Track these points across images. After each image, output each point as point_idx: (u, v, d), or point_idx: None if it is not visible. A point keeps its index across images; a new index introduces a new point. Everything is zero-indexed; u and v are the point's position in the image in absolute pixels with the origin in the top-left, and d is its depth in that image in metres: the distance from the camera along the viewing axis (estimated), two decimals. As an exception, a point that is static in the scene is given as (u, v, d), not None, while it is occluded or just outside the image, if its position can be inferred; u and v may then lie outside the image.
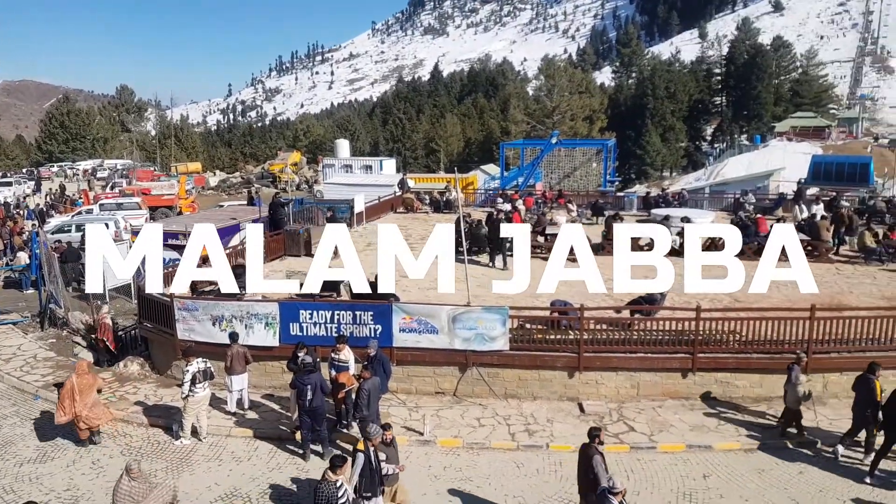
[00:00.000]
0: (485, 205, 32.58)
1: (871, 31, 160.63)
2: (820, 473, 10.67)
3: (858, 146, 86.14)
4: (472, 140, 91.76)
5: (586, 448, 8.94)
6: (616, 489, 8.17)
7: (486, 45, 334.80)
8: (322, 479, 8.46)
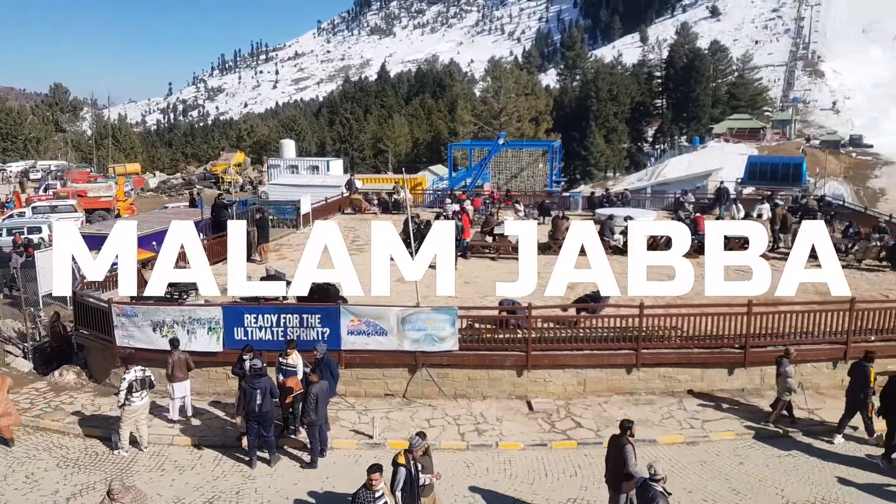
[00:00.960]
0: (433, 205, 32.59)
1: (802, 37, 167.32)
2: (759, 464, 11.03)
3: (791, 147, 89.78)
4: (420, 141, 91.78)
5: (618, 438, 9.09)
6: (658, 476, 8.18)
7: (433, 46, 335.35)
8: (362, 487, 8.14)
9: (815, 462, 11.05)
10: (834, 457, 11.22)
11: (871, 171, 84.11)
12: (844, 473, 10.70)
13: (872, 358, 11.75)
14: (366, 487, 8.09)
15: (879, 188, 76.67)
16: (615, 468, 8.99)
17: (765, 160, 51.77)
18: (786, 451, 11.38)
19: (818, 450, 11.44)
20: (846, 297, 13.89)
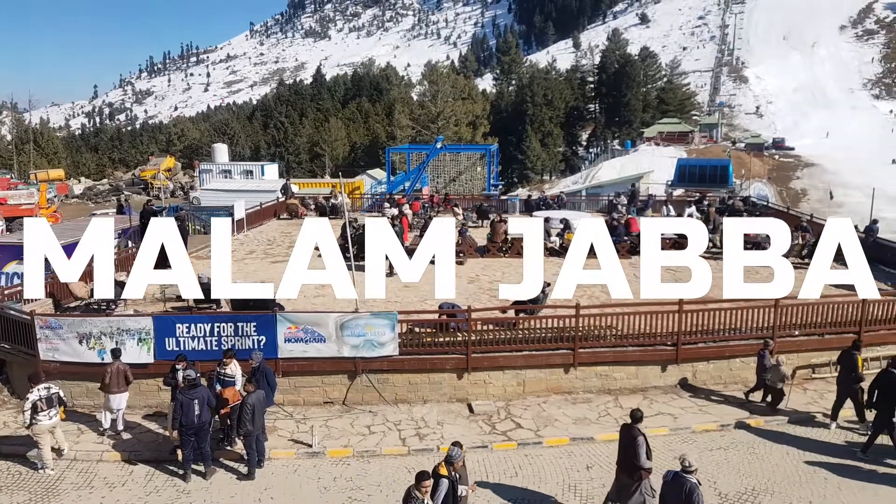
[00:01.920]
0: (372, 210, 32.38)
1: (727, 44, 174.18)
2: (695, 456, 11.34)
3: (718, 150, 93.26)
4: (357, 144, 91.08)
5: (629, 429, 9.23)
6: (691, 467, 8.29)
7: (370, 50, 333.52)
8: (410, 496, 7.91)
9: (744, 455, 11.45)
10: (771, 447, 11.66)
11: (793, 172, 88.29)
12: (777, 463, 11.13)
13: (859, 346, 12.53)
14: (412, 496, 7.88)
15: (801, 189, 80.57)
16: (627, 458, 9.19)
17: (693, 163, 53.52)
18: (717, 446, 11.76)
19: (753, 442, 11.86)
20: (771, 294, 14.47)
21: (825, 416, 12.64)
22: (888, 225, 42.27)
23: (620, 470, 9.38)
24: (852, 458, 11.23)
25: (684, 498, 8.19)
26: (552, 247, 22.39)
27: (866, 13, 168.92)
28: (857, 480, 10.60)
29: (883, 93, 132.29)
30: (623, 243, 22.27)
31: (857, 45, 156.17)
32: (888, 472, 10.84)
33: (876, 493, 10.26)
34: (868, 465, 11.03)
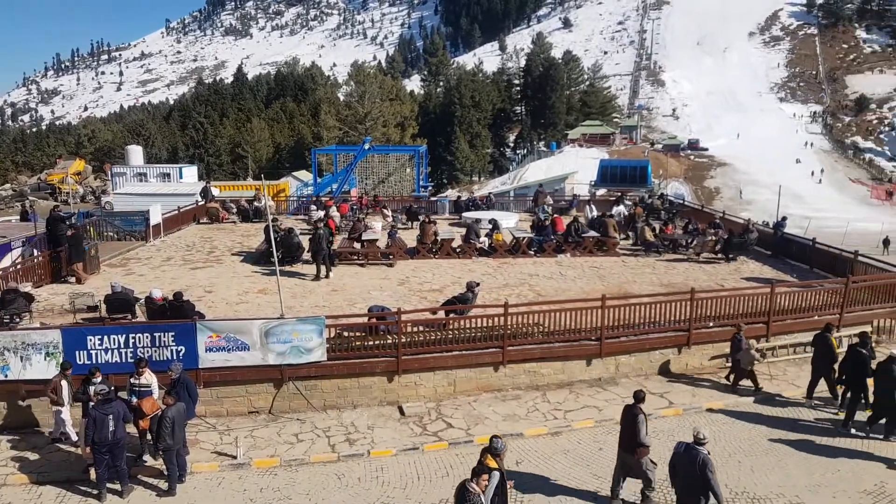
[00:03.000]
0: (298, 212, 31.80)
1: (645, 48, 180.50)
2: (616, 448, 11.64)
3: (638, 151, 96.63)
4: (282, 145, 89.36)
5: (631, 408, 9.79)
6: (704, 440, 8.65)
7: (294, 49, 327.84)
8: (466, 490, 7.62)
9: (664, 443, 11.78)
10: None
11: (707, 172, 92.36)
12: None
13: (831, 329, 13.48)
14: (468, 490, 7.62)
15: (714, 187, 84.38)
16: (628, 435, 9.72)
17: (615, 163, 55.24)
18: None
19: (672, 430, 12.25)
20: (686, 288, 15.07)
21: (753, 392, 13.26)
22: (794, 221, 44.79)
23: (623, 449, 9.88)
24: (802, 433, 11.78)
25: (698, 469, 8.47)
26: (481, 247, 22.61)
27: (772, 21, 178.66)
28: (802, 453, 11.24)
29: (788, 96, 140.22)
30: (550, 242, 22.72)
31: (765, 50, 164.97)
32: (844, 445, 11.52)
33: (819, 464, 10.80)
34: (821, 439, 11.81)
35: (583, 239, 22.86)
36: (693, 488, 8.58)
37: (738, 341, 13.83)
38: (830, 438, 12.05)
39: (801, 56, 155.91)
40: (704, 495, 8.50)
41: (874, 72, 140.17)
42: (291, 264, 20.43)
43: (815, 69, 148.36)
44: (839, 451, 11.60)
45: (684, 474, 8.72)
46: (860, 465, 11.09)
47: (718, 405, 13.19)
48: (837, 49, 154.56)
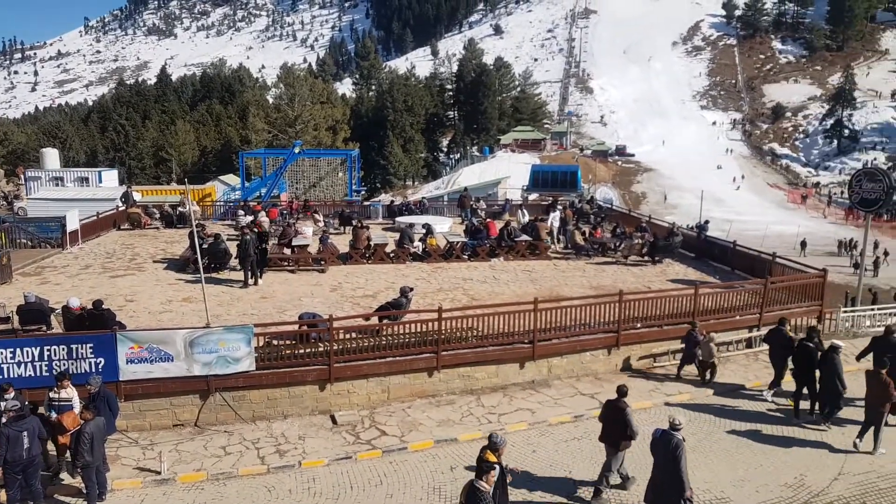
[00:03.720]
0: (225, 218, 30.93)
1: (574, 56, 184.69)
2: (549, 450, 11.78)
3: (568, 156, 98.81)
4: (208, 149, 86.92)
5: (616, 402, 10.15)
6: (679, 426, 9.09)
7: (220, 50, 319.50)
8: (475, 489, 7.58)
9: (597, 444, 11.98)
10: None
11: (634, 177, 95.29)
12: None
13: (785, 322, 14.28)
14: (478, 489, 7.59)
15: (641, 192, 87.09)
16: (614, 429, 10.07)
17: (546, 168, 56.13)
18: (572, 437, 12.26)
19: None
20: (615, 290, 15.43)
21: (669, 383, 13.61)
22: (716, 224, 46.71)
23: (604, 442, 10.29)
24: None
25: (671, 451, 8.91)
26: (415, 252, 22.52)
27: (694, 31, 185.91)
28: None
29: (709, 104, 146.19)
30: (483, 246, 22.86)
31: (687, 59, 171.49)
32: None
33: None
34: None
35: (515, 243, 23.10)
36: (669, 472, 9.01)
37: (693, 337, 14.55)
38: (774, 428, 12.60)
39: (722, 65, 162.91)
40: (677, 481, 8.92)
41: (789, 81, 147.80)
42: (218, 271, 19.83)
43: (735, 78, 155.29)
44: (776, 441, 12.11)
45: (661, 458, 9.14)
46: (791, 456, 11.58)
47: (647, 405, 13.51)
48: (755, 59, 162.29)
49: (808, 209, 76.69)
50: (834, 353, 12.52)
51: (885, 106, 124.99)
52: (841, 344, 12.82)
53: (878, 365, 12.19)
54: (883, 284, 36.62)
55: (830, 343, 12.79)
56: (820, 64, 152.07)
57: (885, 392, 11.43)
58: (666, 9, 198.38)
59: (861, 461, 11.30)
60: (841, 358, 12.63)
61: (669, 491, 8.94)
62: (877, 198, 20.48)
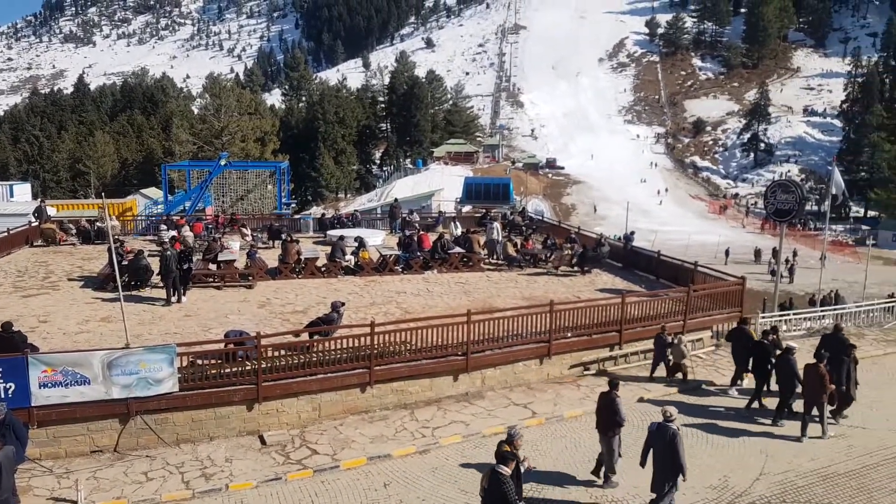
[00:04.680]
0: (146, 233, 29.78)
1: (504, 71, 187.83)
2: (483, 461, 11.72)
3: (500, 169, 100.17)
4: (129, 161, 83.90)
5: (607, 394, 11.02)
6: (672, 417, 9.69)
7: (142, 59, 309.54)
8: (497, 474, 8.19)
9: (530, 453, 12.07)
10: (567, 440, 12.42)
11: (564, 189, 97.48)
12: (557, 455, 11.88)
13: (747, 322, 15.35)
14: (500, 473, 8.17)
15: (571, 204, 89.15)
16: (606, 418, 10.88)
17: (478, 181, 56.77)
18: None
19: (538, 439, 12.54)
20: (547, 301, 15.64)
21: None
22: (642, 234, 48.14)
23: (599, 431, 11.02)
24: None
25: (667, 441, 9.53)
26: (347, 265, 22.24)
27: (619, 48, 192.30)
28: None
29: (634, 119, 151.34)
30: (417, 259, 22.79)
31: (613, 75, 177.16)
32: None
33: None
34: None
35: (449, 255, 23.14)
36: (667, 462, 9.59)
37: (662, 340, 15.27)
38: (701, 432, 12.91)
39: (645, 81, 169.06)
40: (676, 468, 9.54)
41: (709, 97, 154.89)
42: (139, 289, 19.02)
43: (658, 94, 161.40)
44: (704, 442, 12.44)
45: (659, 450, 9.71)
46: (716, 458, 11.89)
47: (578, 413, 13.69)
48: (677, 76, 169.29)
49: (727, 219, 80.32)
50: (789, 353, 13.33)
51: (797, 121, 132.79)
52: (795, 345, 13.79)
53: (817, 359, 13.03)
54: (798, 290, 38.63)
55: (786, 345, 13.63)
56: (737, 81, 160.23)
57: (821, 383, 12.40)
58: (592, 26, 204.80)
59: (780, 461, 11.75)
60: (796, 357, 13.38)
61: (670, 476, 9.61)
62: (790, 208, 21.48)
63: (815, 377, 12.50)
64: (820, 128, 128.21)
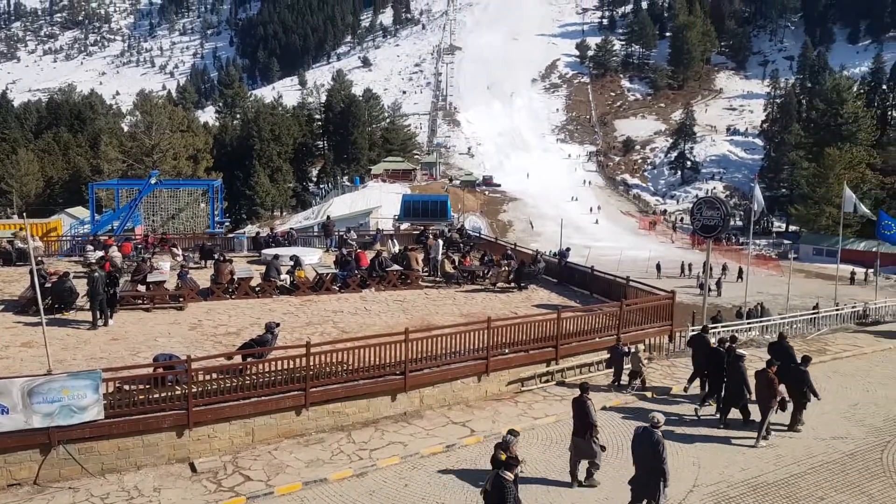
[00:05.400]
0: (72, 253, 28.59)
1: (441, 90, 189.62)
2: (421, 483, 11.69)
3: (438, 186, 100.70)
4: (54, 180, 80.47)
5: (579, 398, 11.62)
6: (659, 423, 10.04)
7: (70, 75, 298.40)
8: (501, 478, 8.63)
9: (471, 476, 12.10)
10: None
11: (501, 206, 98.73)
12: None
13: (708, 330, 16.20)
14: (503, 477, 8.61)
15: (508, 220, 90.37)
16: (581, 421, 11.42)
17: (416, 198, 56.73)
18: (444, 467, 12.22)
19: (474, 457, 12.57)
20: (484, 317, 15.76)
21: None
22: (576, 250, 49.25)
23: (575, 434, 11.50)
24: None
25: (652, 445, 9.89)
26: (282, 285, 21.88)
27: (551, 69, 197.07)
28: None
29: (567, 137, 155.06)
30: (354, 277, 22.62)
31: (546, 96, 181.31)
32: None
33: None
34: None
35: (387, 273, 23.07)
36: (649, 466, 9.93)
37: (618, 350, 16.06)
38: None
39: (577, 102, 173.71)
40: (658, 472, 9.84)
41: (637, 117, 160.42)
42: (64, 312, 18.20)
43: (589, 114, 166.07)
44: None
45: (642, 454, 10.05)
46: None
47: (518, 428, 13.74)
48: (606, 96, 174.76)
49: (657, 235, 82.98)
50: (739, 360, 13.82)
51: (721, 140, 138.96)
52: (744, 353, 14.38)
53: (767, 364, 13.62)
54: (726, 303, 40.16)
55: (735, 352, 14.21)
56: (664, 101, 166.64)
57: (771, 387, 13.02)
58: (525, 48, 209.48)
59: (712, 472, 12.03)
60: (746, 365, 13.96)
61: (651, 481, 9.90)
62: (715, 224, 22.25)
63: (764, 382, 13.15)
64: (743, 146, 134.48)
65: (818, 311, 25.10)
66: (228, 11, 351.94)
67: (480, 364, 15.28)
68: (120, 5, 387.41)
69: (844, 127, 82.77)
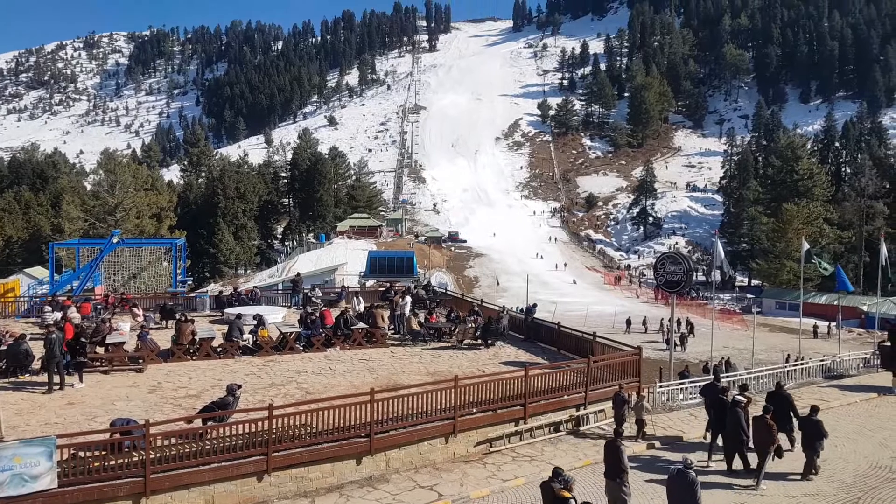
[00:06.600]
0: (30, 314, 27.80)
1: (406, 148, 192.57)
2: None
3: (404, 243, 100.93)
4: (14, 239, 78.63)
5: (612, 442, 12.06)
6: (692, 465, 10.61)
7: (34, 134, 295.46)
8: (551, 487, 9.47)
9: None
10: None
11: (467, 262, 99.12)
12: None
13: (719, 379, 17.17)
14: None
15: (474, 276, 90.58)
16: (614, 465, 11.77)
17: (382, 255, 56.70)
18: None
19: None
20: (451, 376, 15.64)
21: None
22: (543, 305, 49.49)
23: (608, 477, 11.84)
24: None
25: (687, 486, 10.42)
26: (245, 345, 21.51)
27: (514, 128, 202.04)
28: None
29: (531, 194, 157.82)
30: (318, 336, 22.37)
31: (509, 154, 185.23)
32: None
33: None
34: None
35: (352, 331, 22.88)
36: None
37: (621, 397, 15.99)
38: None
39: (540, 159, 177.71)
40: None
41: (599, 174, 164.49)
42: (19, 375, 17.59)
43: (552, 171, 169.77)
44: None
45: (678, 493, 10.56)
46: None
47: (485, 493, 13.55)
48: (568, 154, 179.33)
49: (622, 290, 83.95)
50: (736, 406, 14.13)
51: (681, 196, 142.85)
52: (743, 399, 14.50)
53: (764, 412, 13.89)
54: (692, 358, 40.53)
55: (733, 398, 14.50)
56: (624, 159, 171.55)
57: (768, 434, 13.44)
58: (488, 108, 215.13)
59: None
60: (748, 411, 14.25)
61: None
62: (679, 279, 22.54)
63: (763, 428, 13.49)
64: (702, 202, 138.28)
65: (796, 363, 25.88)
66: (195, 72, 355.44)
67: (448, 424, 15.09)
68: (87, 66, 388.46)
69: (800, 183, 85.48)
